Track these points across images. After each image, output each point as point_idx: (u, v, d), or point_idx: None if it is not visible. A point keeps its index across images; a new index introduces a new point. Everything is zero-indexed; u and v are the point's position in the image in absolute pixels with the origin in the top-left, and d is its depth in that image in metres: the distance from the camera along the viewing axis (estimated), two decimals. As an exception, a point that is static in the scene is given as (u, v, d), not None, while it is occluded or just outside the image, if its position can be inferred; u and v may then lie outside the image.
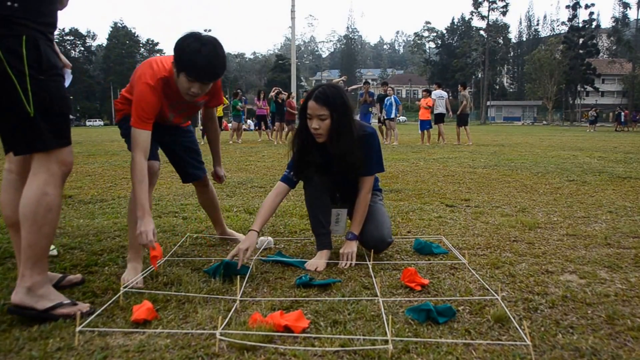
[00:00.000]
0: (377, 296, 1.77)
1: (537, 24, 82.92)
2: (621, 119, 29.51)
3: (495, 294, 1.77)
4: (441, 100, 12.08)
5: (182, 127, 2.39)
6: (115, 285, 1.89)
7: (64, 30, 66.65)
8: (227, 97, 20.84)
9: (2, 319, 1.58)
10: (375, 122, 12.84)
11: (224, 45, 1.97)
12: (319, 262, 2.16)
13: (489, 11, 57.51)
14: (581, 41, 52.62)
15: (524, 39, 78.53)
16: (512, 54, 73.11)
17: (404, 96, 73.74)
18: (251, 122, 29.69)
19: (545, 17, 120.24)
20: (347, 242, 2.25)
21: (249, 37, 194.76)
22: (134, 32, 72.18)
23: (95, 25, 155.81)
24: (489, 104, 59.50)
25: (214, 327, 1.50)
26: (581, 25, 53.27)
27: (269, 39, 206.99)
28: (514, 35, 76.56)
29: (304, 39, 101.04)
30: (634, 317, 1.60)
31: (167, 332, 1.49)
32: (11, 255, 2.23)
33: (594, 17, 54.19)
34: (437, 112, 12.00)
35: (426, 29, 74.66)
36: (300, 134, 2.21)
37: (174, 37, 1.93)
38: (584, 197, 3.95)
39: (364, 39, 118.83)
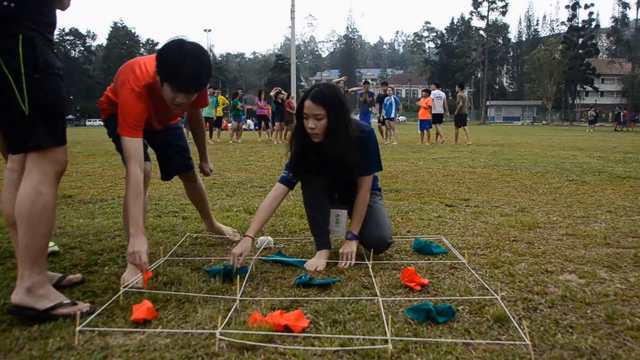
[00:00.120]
0: (376, 296, 1.77)
1: (537, 24, 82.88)
2: (620, 119, 29.52)
3: (494, 294, 1.77)
4: (439, 100, 12.14)
5: (171, 124, 2.34)
6: (115, 285, 1.89)
7: (64, 30, 66.69)
8: (227, 97, 20.84)
9: (2, 318, 1.58)
10: (375, 122, 12.86)
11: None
12: (319, 261, 2.16)
13: (488, 11, 57.56)
14: (581, 41, 52.65)
15: (524, 39, 78.53)
16: (511, 54, 73.12)
17: (404, 96, 73.69)
18: (251, 122, 29.71)
19: (544, 17, 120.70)
20: (346, 241, 2.25)
21: (249, 37, 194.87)
22: (134, 32, 72.27)
23: (95, 25, 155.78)
24: (488, 103, 59.52)
25: (214, 327, 1.50)
26: (581, 25, 53.29)
27: (269, 39, 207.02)
28: (513, 35, 76.66)
29: (304, 39, 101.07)
30: (633, 316, 1.60)
31: (167, 332, 1.49)
32: (11, 254, 2.23)
33: (594, 17, 54.35)
34: (435, 113, 12.03)
35: (426, 29, 74.71)
36: (297, 134, 2.20)
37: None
38: (583, 197, 3.95)
39: (364, 39, 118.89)
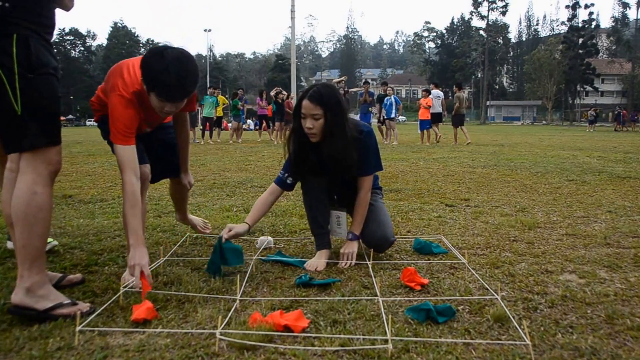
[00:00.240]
0: (376, 296, 1.77)
1: (537, 24, 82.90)
2: (620, 119, 29.51)
3: (494, 294, 1.77)
4: (437, 100, 12.25)
5: (164, 123, 2.29)
6: (115, 284, 1.89)
7: (64, 30, 66.72)
8: (227, 97, 20.83)
9: (2, 318, 1.58)
10: (375, 122, 12.87)
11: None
12: (319, 261, 2.16)
13: (488, 11, 57.53)
14: (581, 41, 52.63)
15: (524, 39, 78.57)
16: (511, 53, 73.12)
17: (404, 96, 73.71)
18: (251, 122, 29.73)
19: (544, 17, 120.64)
20: (347, 242, 2.25)
21: (249, 37, 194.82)
22: (134, 32, 72.31)
23: (95, 25, 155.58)
24: (488, 103, 59.51)
25: (214, 327, 1.50)
26: (581, 25, 53.27)
27: (269, 39, 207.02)
28: (513, 35, 76.70)
29: (304, 39, 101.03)
30: (633, 316, 1.60)
31: (167, 332, 1.49)
32: (11, 254, 2.23)
33: (594, 17, 54.34)
34: (434, 112, 12.09)
35: (426, 28, 74.71)
36: (295, 134, 2.19)
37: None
38: (583, 197, 3.95)
39: (364, 39, 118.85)
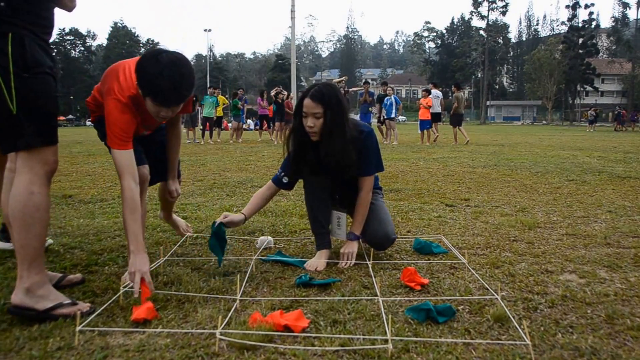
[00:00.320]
0: (376, 296, 1.77)
1: (537, 24, 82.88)
2: (620, 119, 29.51)
3: (495, 294, 1.77)
4: (437, 99, 12.29)
5: (162, 125, 2.26)
6: (115, 284, 1.89)
7: (64, 30, 66.70)
8: (227, 97, 20.83)
9: (2, 318, 1.58)
10: (375, 122, 12.87)
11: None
12: (319, 261, 2.16)
13: (488, 11, 57.51)
14: (581, 41, 52.61)
15: (524, 39, 78.51)
16: (511, 53, 73.12)
17: (404, 96, 73.71)
18: (251, 121, 29.72)
19: (544, 17, 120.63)
20: (348, 242, 2.25)
21: (249, 37, 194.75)
22: (134, 32, 72.29)
23: (95, 25, 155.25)
24: (488, 103, 59.52)
25: (214, 327, 1.50)
26: (581, 25, 53.25)
27: (269, 39, 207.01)
28: (513, 35, 76.67)
29: (304, 38, 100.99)
30: (633, 316, 1.60)
31: (167, 332, 1.49)
32: (12, 254, 2.23)
33: (594, 17, 54.28)
34: (433, 112, 12.13)
35: (426, 28, 74.70)
36: (295, 133, 2.19)
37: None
38: (583, 197, 3.95)
39: (364, 38, 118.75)
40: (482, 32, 60.60)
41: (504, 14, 58.61)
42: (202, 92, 15.21)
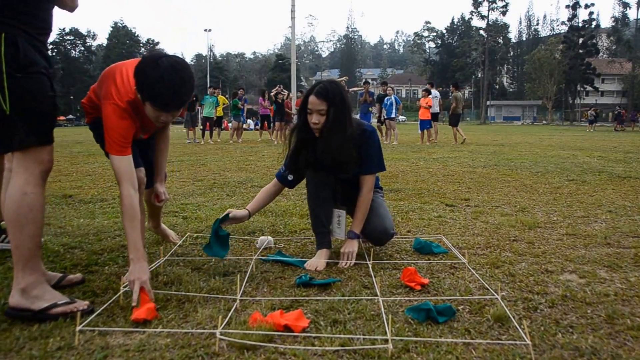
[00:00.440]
0: (377, 295, 1.77)
1: (537, 24, 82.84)
2: (620, 119, 29.49)
3: (495, 294, 1.77)
4: (435, 99, 12.34)
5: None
6: (115, 284, 1.89)
7: (64, 30, 66.75)
8: (227, 96, 20.82)
9: (2, 318, 1.58)
10: (375, 122, 12.87)
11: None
12: (319, 261, 2.16)
13: (488, 11, 57.45)
14: (581, 41, 52.59)
15: (524, 39, 78.51)
16: (512, 53, 73.12)
17: (404, 96, 73.68)
18: (251, 121, 29.73)
19: (545, 16, 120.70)
20: (348, 241, 2.25)
21: (249, 37, 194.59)
22: (134, 32, 72.33)
23: (95, 25, 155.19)
24: (488, 103, 59.48)
25: (214, 327, 1.50)
26: (581, 25, 53.23)
27: (269, 39, 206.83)
28: (513, 35, 76.66)
29: (304, 38, 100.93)
30: (633, 316, 1.60)
31: (167, 332, 1.49)
32: (11, 254, 2.23)
33: (594, 16, 54.27)
34: (433, 112, 12.16)
35: (426, 28, 74.72)
36: (298, 130, 2.20)
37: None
38: (583, 197, 3.95)
39: (364, 38, 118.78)
40: (482, 32, 60.55)
41: (504, 14, 58.56)
42: (202, 92, 15.20)
